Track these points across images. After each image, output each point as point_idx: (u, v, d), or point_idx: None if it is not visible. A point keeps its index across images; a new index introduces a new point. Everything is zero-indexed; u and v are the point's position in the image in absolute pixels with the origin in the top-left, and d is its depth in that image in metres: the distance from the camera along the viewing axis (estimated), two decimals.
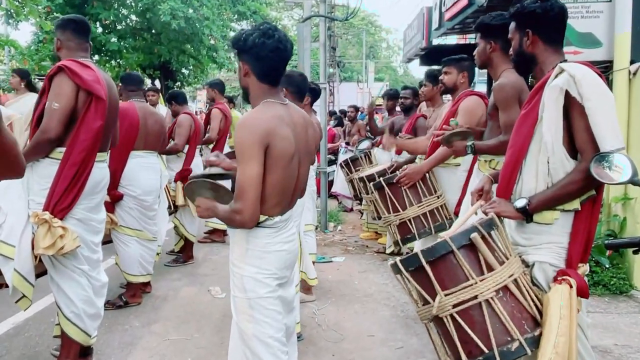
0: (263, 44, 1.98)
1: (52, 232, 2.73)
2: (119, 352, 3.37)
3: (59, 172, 2.79)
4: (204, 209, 2.08)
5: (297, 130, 2.06)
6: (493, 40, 2.87)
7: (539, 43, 2.09)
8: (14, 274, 2.72)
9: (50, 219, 2.73)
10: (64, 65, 2.79)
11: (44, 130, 2.73)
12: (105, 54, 15.73)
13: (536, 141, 2.00)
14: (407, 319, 3.91)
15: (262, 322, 2.04)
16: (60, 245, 2.73)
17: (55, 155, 2.82)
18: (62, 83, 2.77)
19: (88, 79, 2.81)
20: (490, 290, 1.79)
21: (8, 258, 2.71)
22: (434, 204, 3.53)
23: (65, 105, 2.76)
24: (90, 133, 2.83)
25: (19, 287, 2.77)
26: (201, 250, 5.81)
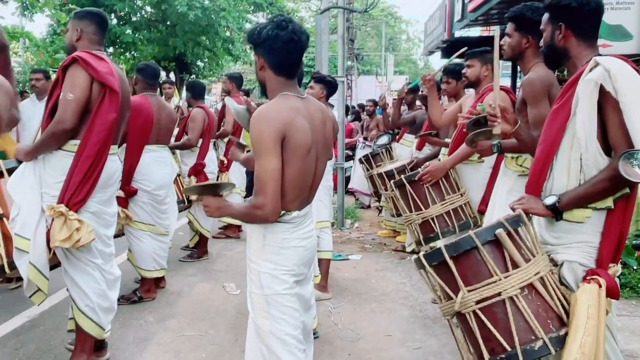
0: (276, 36, 1.95)
1: (68, 225, 2.71)
2: (134, 347, 3.35)
3: (73, 165, 2.76)
4: (214, 208, 2.03)
5: (314, 123, 2.02)
6: (531, 35, 2.73)
7: (571, 37, 2.01)
8: (29, 267, 2.70)
9: (66, 211, 2.71)
10: (78, 57, 2.76)
11: (59, 121, 2.70)
12: (120, 45, 15.80)
13: (568, 137, 1.93)
14: (426, 319, 3.82)
15: (279, 319, 2.01)
16: (77, 238, 2.71)
17: (69, 148, 2.79)
18: (77, 74, 2.75)
19: (102, 70, 2.78)
20: (514, 287, 1.76)
21: (23, 251, 2.68)
22: (458, 202, 3.43)
23: (79, 96, 2.73)
24: (105, 125, 2.80)
25: (35, 280, 2.75)
26: (216, 245, 5.77)
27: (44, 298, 2.89)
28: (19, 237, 2.67)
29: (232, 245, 5.94)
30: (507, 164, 2.88)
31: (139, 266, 4.13)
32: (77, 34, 2.92)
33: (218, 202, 2.04)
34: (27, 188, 2.74)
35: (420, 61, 49.26)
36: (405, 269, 5.00)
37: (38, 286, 2.80)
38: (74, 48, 2.90)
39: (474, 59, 3.62)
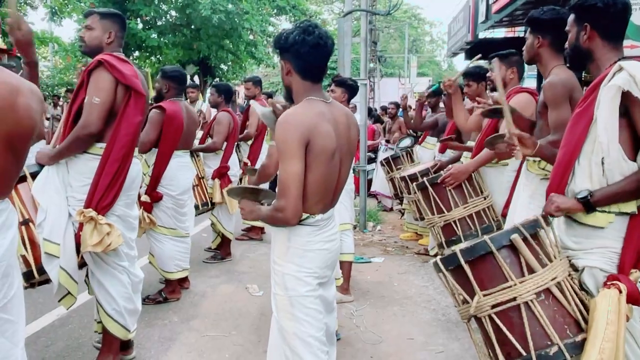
0: (303, 41, 1.98)
1: (99, 229, 2.73)
2: (159, 346, 3.41)
3: (100, 169, 2.77)
4: (248, 211, 2.12)
5: (339, 128, 2.05)
6: (541, 35, 2.75)
7: (596, 38, 2.00)
8: (60, 271, 2.71)
9: (96, 216, 2.73)
10: (104, 60, 2.75)
11: (85, 125, 2.70)
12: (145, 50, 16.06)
13: (590, 141, 1.91)
14: (449, 323, 3.80)
15: (303, 320, 2.04)
16: (108, 242, 2.73)
17: (95, 151, 2.80)
18: (102, 77, 2.74)
19: (128, 73, 2.79)
20: (530, 292, 1.77)
21: (53, 256, 2.68)
22: (481, 205, 3.42)
23: (105, 99, 2.73)
24: (131, 128, 2.82)
25: (66, 284, 2.76)
26: (239, 247, 5.83)
27: (73, 302, 2.92)
28: (48, 242, 2.67)
29: (255, 247, 5.99)
30: (529, 167, 2.85)
31: (162, 269, 4.19)
32: (108, 36, 2.89)
33: (252, 206, 2.11)
34: (52, 192, 2.73)
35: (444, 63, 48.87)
36: (427, 272, 4.98)
37: (68, 290, 2.81)
38: (101, 49, 2.88)
39: (499, 62, 3.58)
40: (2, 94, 1.64)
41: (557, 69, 2.75)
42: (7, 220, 1.77)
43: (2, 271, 1.73)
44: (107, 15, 2.93)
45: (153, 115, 3.99)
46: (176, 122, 4.04)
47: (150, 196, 3.99)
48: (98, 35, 2.89)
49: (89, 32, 2.90)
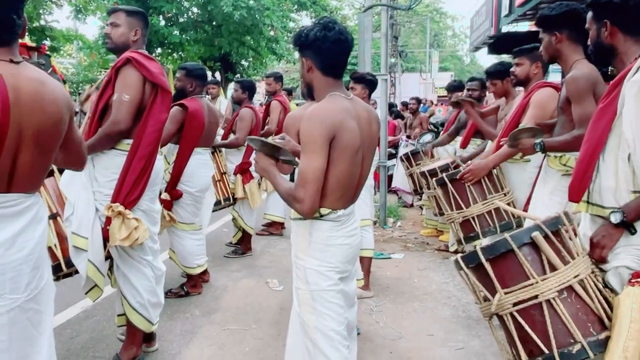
0: (324, 37, 1.99)
1: (127, 224, 2.76)
2: (181, 339, 3.46)
3: (127, 164, 2.80)
4: (261, 167, 2.08)
5: (361, 124, 2.06)
6: (557, 31, 2.72)
7: (618, 34, 1.96)
8: (88, 265, 2.75)
9: (124, 211, 2.76)
10: (132, 57, 2.78)
11: (115, 122, 2.74)
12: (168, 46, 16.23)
13: (615, 136, 1.87)
14: (469, 320, 3.78)
15: (324, 314, 2.06)
16: (136, 236, 2.77)
17: (122, 147, 2.83)
18: (130, 75, 2.77)
19: (155, 71, 2.82)
20: (552, 290, 1.75)
21: (81, 250, 2.72)
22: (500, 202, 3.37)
23: (134, 97, 2.76)
24: (158, 125, 2.85)
25: (94, 277, 2.80)
26: (259, 242, 5.87)
27: (99, 294, 2.97)
28: (76, 236, 2.71)
29: (275, 242, 6.03)
30: (550, 163, 2.82)
31: (183, 264, 4.24)
32: (134, 33, 2.92)
33: (268, 164, 2.07)
34: (79, 187, 2.76)
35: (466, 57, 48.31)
36: (448, 268, 4.95)
37: (96, 283, 2.86)
38: (127, 47, 2.90)
39: (522, 57, 3.54)
40: (31, 90, 1.69)
41: (578, 63, 2.71)
42: (38, 214, 1.83)
43: (32, 263, 1.79)
44: (133, 12, 2.96)
45: (174, 111, 4.02)
46: (197, 120, 4.07)
47: (170, 194, 4.03)
48: (124, 32, 2.91)
49: (115, 29, 2.92)
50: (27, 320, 1.77)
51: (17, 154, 1.69)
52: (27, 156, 1.72)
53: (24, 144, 1.70)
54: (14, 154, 1.68)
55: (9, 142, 1.64)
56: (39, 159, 1.78)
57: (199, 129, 4.10)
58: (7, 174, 1.69)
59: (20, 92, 1.65)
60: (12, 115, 1.63)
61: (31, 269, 1.78)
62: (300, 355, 2.12)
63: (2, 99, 1.60)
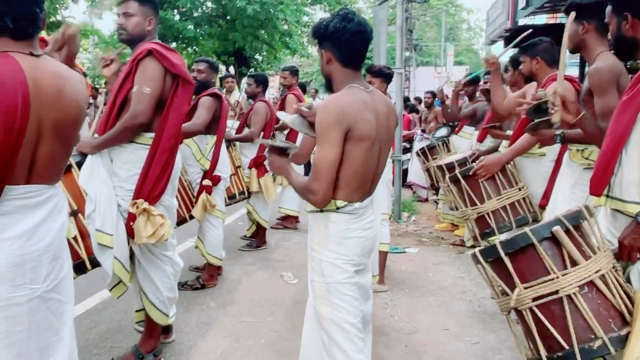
0: (344, 28, 1.98)
1: (152, 221, 2.72)
2: (197, 331, 3.49)
3: (149, 159, 2.74)
4: (277, 166, 2.17)
5: (379, 116, 2.05)
6: (586, 20, 2.65)
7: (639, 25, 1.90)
8: (114, 261, 2.72)
9: (149, 207, 2.71)
10: (154, 49, 2.70)
11: (135, 115, 2.66)
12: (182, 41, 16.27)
13: (639, 130, 1.83)
14: (484, 315, 3.76)
15: (340, 307, 2.05)
16: (161, 233, 2.73)
17: (143, 141, 2.76)
18: (152, 67, 2.69)
19: (177, 62, 2.75)
20: (572, 285, 1.72)
21: (106, 247, 2.67)
22: (515, 197, 3.33)
23: (156, 89, 2.69)
24: (179, 118, 2.79)
25: (120, 274, 2.78)
26: (274, 236, 5.89)
27: (124, 290, 2.96)
28: (101, 233, 2.65)
29: (290, 235, 6.04)
30: (572, 156, 2.78)
31: (210, 253, 4.28)
32: (149, 23, 2.83)
33: (282, 163, 2.16)
34: (100, 182, 2.69)
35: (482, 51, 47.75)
36: (463, 263, 4.93)
37: (122, 279, 2.84)
38: (143, 37, 2.82)
39: (523, 55, 3.53)
40: (51, 82, 1.70)
41: (603, 54, 2.65)
42: (58, 205, 1.84)
43: (52, 254, 1.80)
44: (146, 1, 2.84)
45: (206, 100, 4.14)
46: (225, 109, 4.33)
47: (211, 179, 4.13)
48: (140, 22, 2.81)
49: (129, 19, 2.80)
50: (47, 310, 1.79)
51: (37, 146, 1.71)
52: (47, 148, 1.73)
53: (44, 136, 1.71)
54: (34, 146, 1.70)
55: (29, 134, 1.66)
56: (59, 151, 1.80)
57: (224, 117, 4.33)
58: (27, 166, 1.71)
59: (41, 84, 1.67)
60: (33, 108, 1.64)
61: (51, 260, 1.80)
62: (316, 347, 2.13)
63: (23, 92, 1.61)
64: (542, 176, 3.41)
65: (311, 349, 2.17)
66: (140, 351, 3.00)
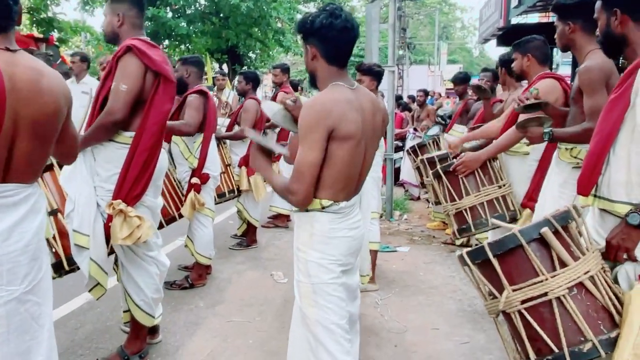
0: (331, 25, 1.94)
1: (129, 222, 2.66)
2: (184, 331, 3.45)
3: (129, 158, 2.68)
4: (257, 164, 2.14)
5: (365, 114, 2.01)
6: (571, 20, 2.67)
7: (629, 22, 1.89)
8: (90, 263, 2.68)
9: (126, 208, 2.66)
10: (133, 45, 2.62)
11: (110, 112, 2.60)
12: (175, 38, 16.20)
13: (627, 129, 1.80)
14: (475, 314, 3.74)
15: (326, 307, 2.02)
16: (138, 235, 2.68)
17: (123, 140, 2.70)
18: (131, 63, 2.63)
19: (157, 59, 2.67)
20: (562, 287, 1.68)
21: (83, 248, 2.64)
22: (494, 194, 3.32)
23: (133, 87, 2.62)
24: (160, 117, 2.72)
25: (96, 275, 2.73)
26: (265, 235, 5.85)
27: (103, 292, 2.90)
28: (78, 234, 2.62)
29: (281, 234, 6.01)
30: (561, 155, 2.76)
31: (199, 252, 4.25)
32: (118, 19, 2.76)
33: (263, 162, 2.12)
34: (80, 182, 2.65)
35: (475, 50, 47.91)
36: (454, 262, 4.90)
37: (98, 281, 2.78)
38: (116, 35, 2.78)
39: (515, 52, 3.53)
40: (27, 78, 1.66)
41: (593, 53, 2.65)
42: (36, 204, 1.80)
43: (30, 255, 1.76)
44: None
45: (194, 99, 4.08)
46: (212, 106, 4.23)
47: (199, 178, 4.10)
48: (110, 21, 2.79)
49: (104, 19, 2.83)
50: (25, 312, 1.75)
51: (14, 144, 1.66)
52: (24, 146, 1.69)
53: (21, 134, 1.67)
54: (10, 144, 1.65)
55: (5, 131, 1.62)
56: (36, 149, 1.75)
57: (213, 115, 4.26)
58: (4, 164, 1.66)
59: (16, 80, 1.62)
60: (8, 104, 1.60)
61: (29, 260, 1.76)
62: (302, 348, 2.10)
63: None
64: (526, 175, 3.41)
65: (298, 349, 2.14)
66: (126, 352, 2.96)
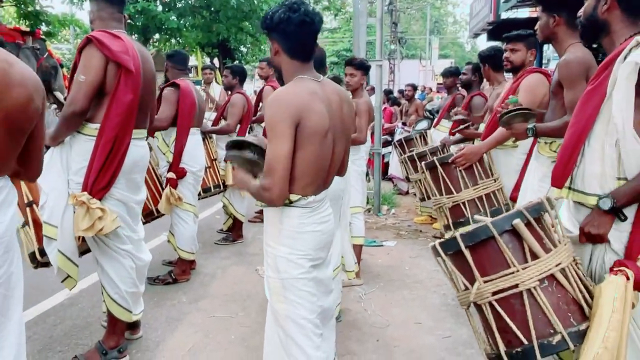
0: (289, 19, 1.93)
1: (91, 213, 2.66)
2: (166, 326, 3.43)
3: (94, 150, 2.68)
4: (239, 179, 2.10)
5: (331, 106, 1.99)
6: (557, 13, 2.66)
7: (616, 10, 1.86)
8: (57, 254, 2.70)
9: (88, 200, 2.65)
10: (93, 37, 2.62)
11: (69, 103, 2.60)
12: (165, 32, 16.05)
13: (602, 121, 1.79)
14: (458, 308, 3.73)
15: (295, 303, 2.02)
16: (100, 226, 2.67)
17: (89, 132, 2.70)
18: (89, 55, 2.62)
19: (116, 50, 2.64)
20: (533, 279, 1.68)
21: (51, 239, 2.67)
22: (490, 188, 3.32)
23: (92, 77, 2.60)
24: (122, 108, 2.68)
25: (64, 267, 2.75)
26: (251, 230, 5.82)
27: (74, 284, 2.90)
28: (47, 225, 2.65)
29: None
30: (540, 149, 2.76)
31: (180, 248, 4.23)
32: (91, 16, 2.83)
33: (244, 176, 2.09)
34: (54, 175, 2.68)
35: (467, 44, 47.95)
36: None
37: (68, 273, 2.80)
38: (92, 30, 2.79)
39: (519, 43, 3.51)
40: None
41: (573, 47, 2.65)
42: (8, 197, 1.77)
43: (3, 248, 1.73)
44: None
45: (167, 92, 4.08)
46: (190, 98, 4.15)
47: (175, 172, 4.07)
48: (90, 18, 2.85)
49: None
50: None
51: None
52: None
53: None
54: None
55: None
56: (7, 142, 1.72)
57: (192, 107, 4.17)
58: None
59: None
60: None
61: (2, 253, 1.73)
62: (275, 344, 2.08)
63: None
64: (514, 168, 3.41)
65: (272, 345, 2.13)
66: (104, 347, 2.93)
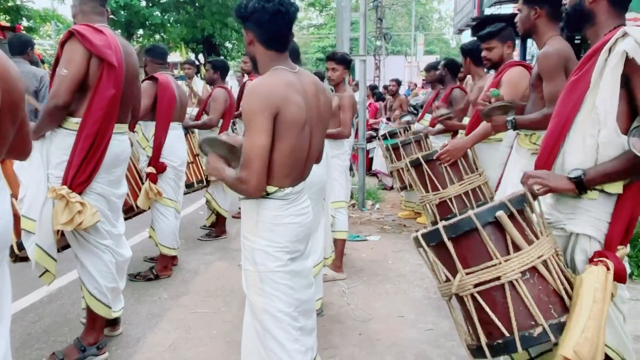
0: (263, 8, 1.90)
1: (70, 207, 2.64)
2: (146, 322, 3.40)
3: (75, 144, 2.67)
4: (212, 167, 2.03)
5: (308, 97, 1.97)
6: (538, 5, 2.65)
7: (603, 1, 1.87)
8: (35, 248, 2.68)
9: (68, 194, 2.64)
10: (75, 30, 2.62)
11: (51, 96, 2.59)
12: (149, 28, 15.90)
13: (585, 111, 1.80)
14: (440, 301, 3.75)
15: (272, 295, 2.00)
16: (79, 220, 2.65)
17: (71, 127, 2.69)
18: (72, 49, 2.62)
19: (98, 44, 2.63)
20: (515, 271, 1.68)
21: (29, 232, 2.66)
22: (476, 182, 3.32)
23: (74, 71, 2.60)
24: (104, 102, 2.67)
25: (41, 261, 2.73)
26: (234, 225, 5.76)
27: (52, 279, 2.88)
28: (25, 219, 2.64)
29: None
30: (521, 142, 2.76)
31: (161, 243, 4.19)
32: (73, 10, 2.83)
33: (218, 164, 2.02)
34: (34, 168, 2.67)
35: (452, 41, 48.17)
36: None
37: (46, 267, 2.78)
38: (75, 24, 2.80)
39: (492, 40, 3.52)
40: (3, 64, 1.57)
41: (552, 39, 2.65)
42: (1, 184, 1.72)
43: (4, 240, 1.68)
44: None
45: (145, 85, 4.04)
46: (169, 91, 4.11)
47: (155, 167, 4.03)
48: (72, 12, 2.85)
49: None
50: None
51: None
52: None
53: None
54: None
55: None
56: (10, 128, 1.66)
57: (171, 100, 4.13)
58: None
59: None
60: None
61: None
62: (252, 338, 2.07)
63: None
64: (498, 162, 3.40)
65: (249, 338, 2.12)
66: (83, 344, 2.89)
